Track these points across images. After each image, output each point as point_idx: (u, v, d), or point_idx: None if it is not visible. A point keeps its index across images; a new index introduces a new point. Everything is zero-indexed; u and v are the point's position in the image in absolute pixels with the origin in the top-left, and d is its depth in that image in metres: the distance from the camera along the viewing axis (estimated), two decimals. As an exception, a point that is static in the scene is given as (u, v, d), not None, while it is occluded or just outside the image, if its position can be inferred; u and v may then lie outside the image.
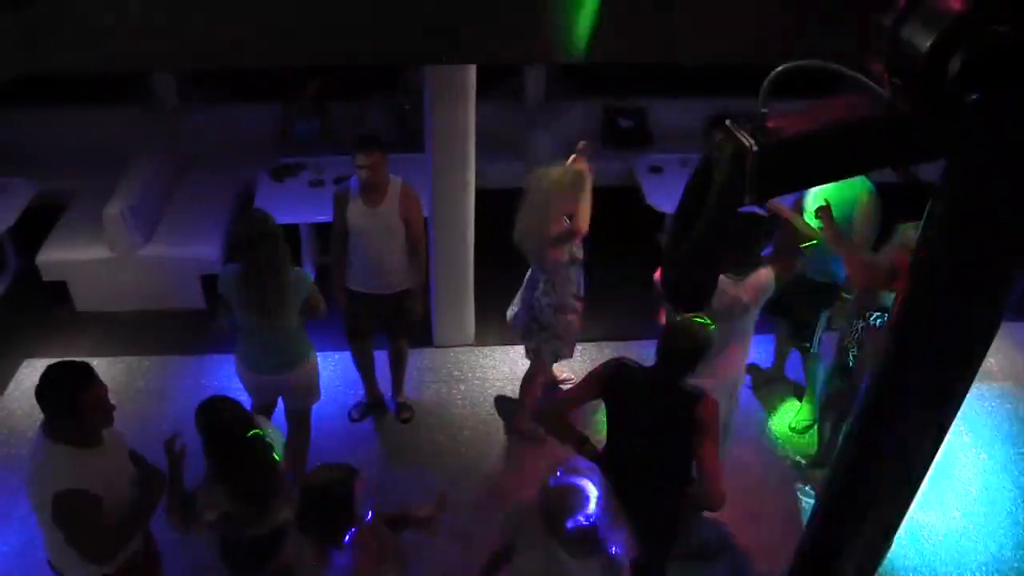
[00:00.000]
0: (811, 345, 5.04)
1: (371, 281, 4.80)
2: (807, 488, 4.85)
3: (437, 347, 5.93)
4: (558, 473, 2.77)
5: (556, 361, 5.15)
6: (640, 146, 7.16)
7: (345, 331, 5.08)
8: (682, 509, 3.53)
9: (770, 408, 5.51)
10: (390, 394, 5.47)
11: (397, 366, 5.33)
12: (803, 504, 4.75)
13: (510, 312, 5.06)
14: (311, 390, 4.48)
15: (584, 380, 3.54)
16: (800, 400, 5.45)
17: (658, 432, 3.34)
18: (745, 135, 1.86)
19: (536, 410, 3.55)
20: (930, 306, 2.32)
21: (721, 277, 2.92)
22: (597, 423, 4.28)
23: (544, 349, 4.92)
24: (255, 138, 7.20)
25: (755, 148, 1.82)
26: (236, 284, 4.04)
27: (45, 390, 3.05)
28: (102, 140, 6.90)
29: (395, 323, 5.04)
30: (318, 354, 4.44)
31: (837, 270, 4.64)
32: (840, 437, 2.82)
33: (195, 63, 4.06)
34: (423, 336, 5.88)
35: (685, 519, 3.64)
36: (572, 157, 4.55)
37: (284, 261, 4.00)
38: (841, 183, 4.32)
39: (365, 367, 5.26)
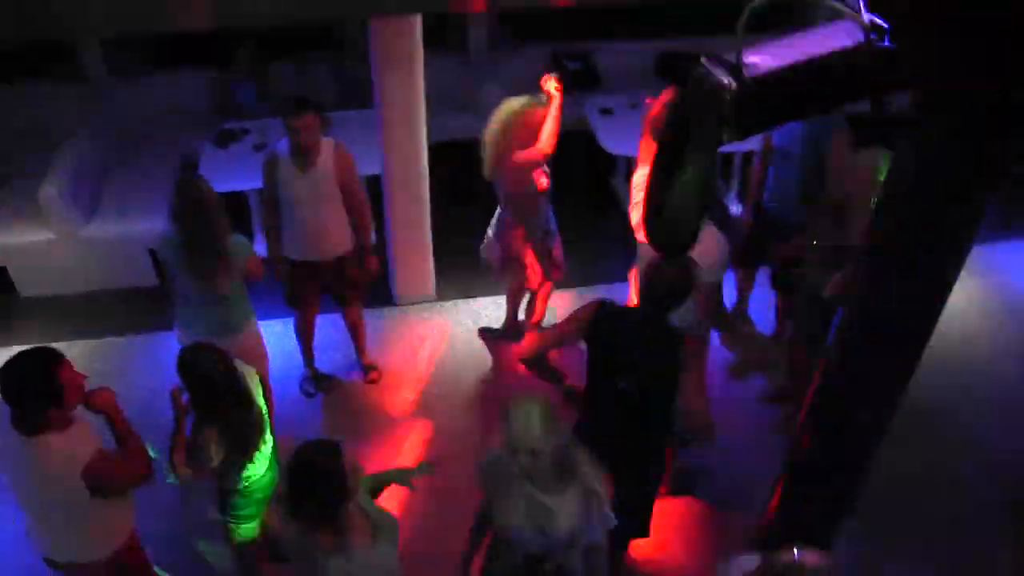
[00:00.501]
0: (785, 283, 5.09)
1: (308, 248, 4.67)
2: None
3: (398, 305, 5.88)
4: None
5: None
6: (589, 89, 7.10)
7: (285, 300, 4.97)
8: (667, 444, 3.57)
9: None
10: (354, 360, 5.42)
11: (355, 331, 5.26)
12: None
13: (482, 252, 5.13)
14: (255, 356, 4.36)
15: (566, 321, 3.53)
16: (769, 337, 5.53)
17: (644, 371, 3.34)
18: (722, 73, 1.83)
19: (519, 352, 3.55)
20: (903, 232, 2.36)
21: None
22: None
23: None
24: (193, 106, 6.95)
25: (734, 86, 1.80)
26: (174, 251, 4.02)
27: (15, 380, 2.94)
28: (29, 118, 6.59)
29: (340, 289, 4.95)
30: (276, 321, 4.36)
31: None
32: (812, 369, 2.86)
33: (120, 27, 3.87)
34: (383, 295, 5.83)
35: (670, 454, 3.67)
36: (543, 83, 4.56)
37: (221, 228, 3.95)
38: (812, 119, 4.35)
39: (304, 336, 5.14)
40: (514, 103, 4.52)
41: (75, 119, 6.43)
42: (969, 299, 5.72)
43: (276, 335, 5.32)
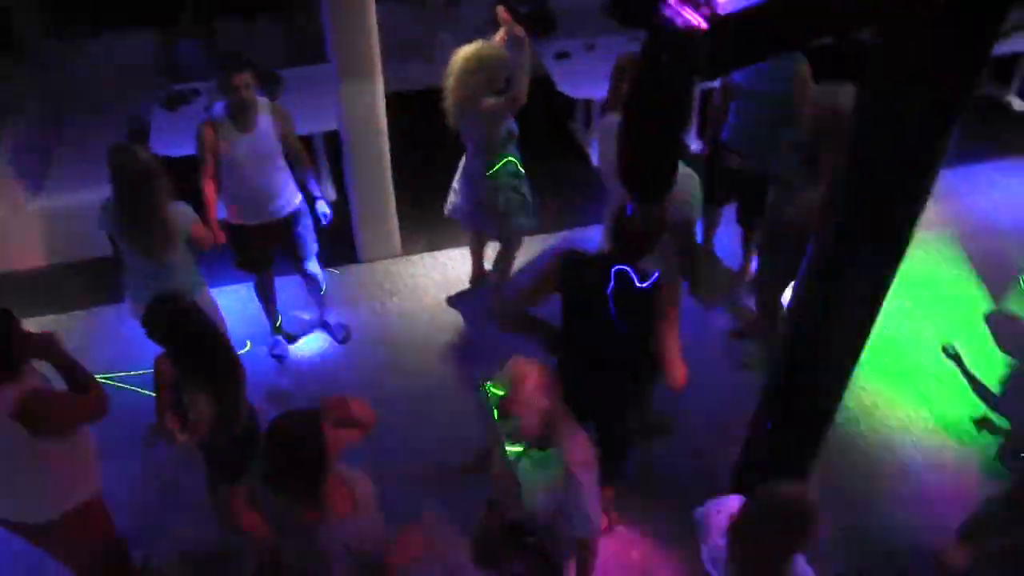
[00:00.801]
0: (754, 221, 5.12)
1: (258, 210, 4.57)
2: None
3: (364, 263, 5.81)
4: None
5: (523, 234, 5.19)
6: (544, 33, 6.97)
7: (239, 267, 4.89)
8: (641, 387, 3.57)
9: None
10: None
11: (313, 290, 5.19)
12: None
13: (449, 207, 5.07)
14: None
15: (538, 275, 3.50)
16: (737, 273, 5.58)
17: (619, 316, 3.33)
18: (691, 13, 1.79)
19: (496, 315, 3.51)
20: (873, 155, 2.36)
21: None
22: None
23: (507, 227, 4.97)
24: (137, 69, 6.69)
25: (705, 25, 1.76)
26: (113, 221, 3.95)
27: None
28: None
29: (295, 248, 4.86)
30: (242, 287, 4.27)
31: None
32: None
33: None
34: (348, 253, 5.76)
35: (644, 396, 3.68)
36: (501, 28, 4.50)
37: (159, 197, 3.85)
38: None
39: (265, 299, 5.07)
40: (467, 49, 4.44)
41: (11, 90, 6.18)
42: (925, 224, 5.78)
43: (241, 300, 5.27)
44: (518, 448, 2.85)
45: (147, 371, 3.63)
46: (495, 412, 2.74)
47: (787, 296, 4.65)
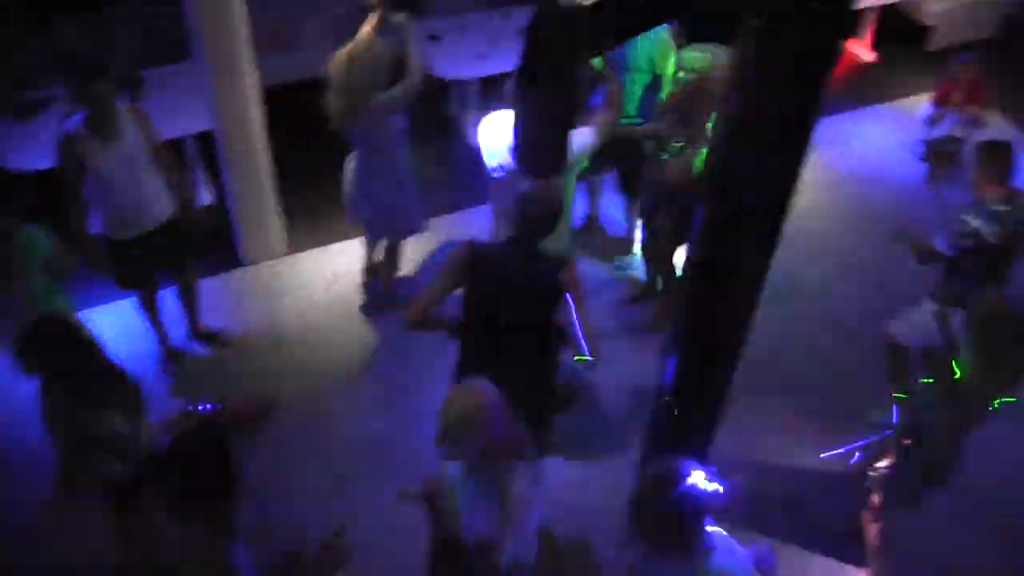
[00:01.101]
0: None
1: (131, 222, 4.35)
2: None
3: (249, 265, 5.62)
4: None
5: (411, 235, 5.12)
6: (414, 14, 6.86)
7: (121, 286, 4.66)
8: (548, 361, 3.62)
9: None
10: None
11: (188, 298, 4.99)
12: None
13: (348, 209, 4.92)
14: None
15: (443, 272, 3.47)
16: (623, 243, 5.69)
17: (525, 301, 3.35)
18: (573, -8, 1.81)
19: (406, 317, 3.48)
20: (754, 115, 2.44)
21: None
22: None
23: (404, 226, 4.93)
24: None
25: (585, 3, 1.79)
26: None
27: None
28: None
29: (174, 255, 4.67)
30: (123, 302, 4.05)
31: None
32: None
33: None
34: (230, 258, 5.56)
35: (552, 370, 3.72)
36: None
37: (6, 223, 3.65)
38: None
39: (151, 314, 4.86)
40: (343, 51, 4.28)
41: None
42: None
43: (123, 317, 5.03)
44: (463, 469, 2.85)
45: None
46: (442, 434, 2.71)
47: (678, 258, 4.81)
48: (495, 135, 3.63)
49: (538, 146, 2.06)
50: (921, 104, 6.59)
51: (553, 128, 2.04)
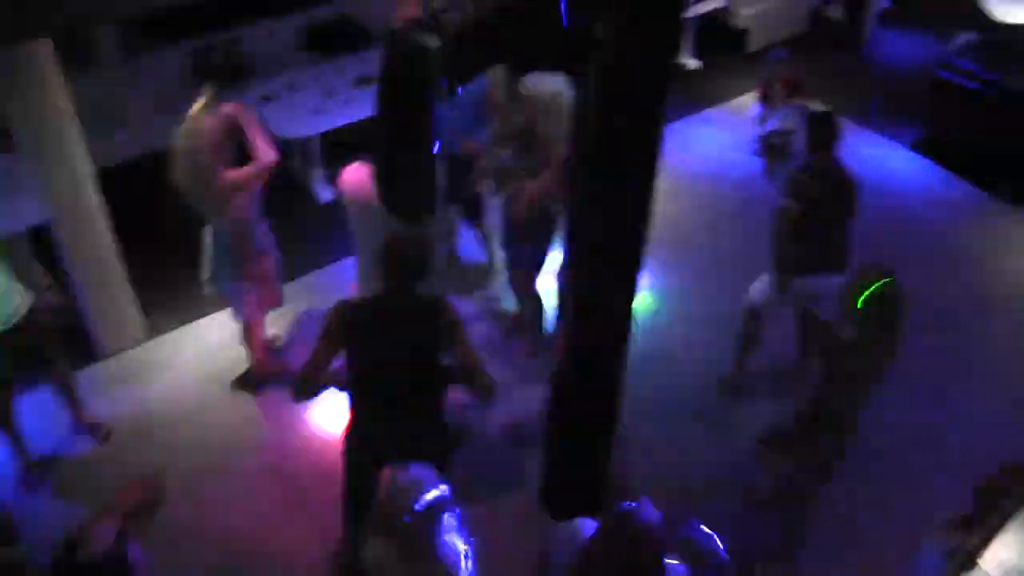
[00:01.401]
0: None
1: None
2: None
3: (110, 357, 5.29)
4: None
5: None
6: (243, 79, 6.74)
7: None
8: (435, 406, 3.58)
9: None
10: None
11: (67, 392, 4.73)
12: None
13: (208, 284, 4.70)
14: None
15: (321, 340, 3.38)
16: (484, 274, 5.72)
17: (409, 350, 3.32)
18: (421, 35, 1.82)
19: (292, 390, 3.38)
20: (601, 147, 2.52)
21: None
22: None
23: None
24: None
25: (436, 44, 1.80)
26: None
27: None
28: None
29: (35, 355, 4.40)
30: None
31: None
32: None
33: None
34: (85, 352, 5.21)
35: (440, 413, 3.67)
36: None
37: None
38: None
39: (6, 425, 4.50)
40: (184, 127, 4.13)
41: None
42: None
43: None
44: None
45: None
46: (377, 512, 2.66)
47: (542, 284, 4.89)
48: (357, 184, 3.59)
49: (404, 187, 2.05)
50: (749, 104, 6.97)
51: (416, 168, 2.03)
